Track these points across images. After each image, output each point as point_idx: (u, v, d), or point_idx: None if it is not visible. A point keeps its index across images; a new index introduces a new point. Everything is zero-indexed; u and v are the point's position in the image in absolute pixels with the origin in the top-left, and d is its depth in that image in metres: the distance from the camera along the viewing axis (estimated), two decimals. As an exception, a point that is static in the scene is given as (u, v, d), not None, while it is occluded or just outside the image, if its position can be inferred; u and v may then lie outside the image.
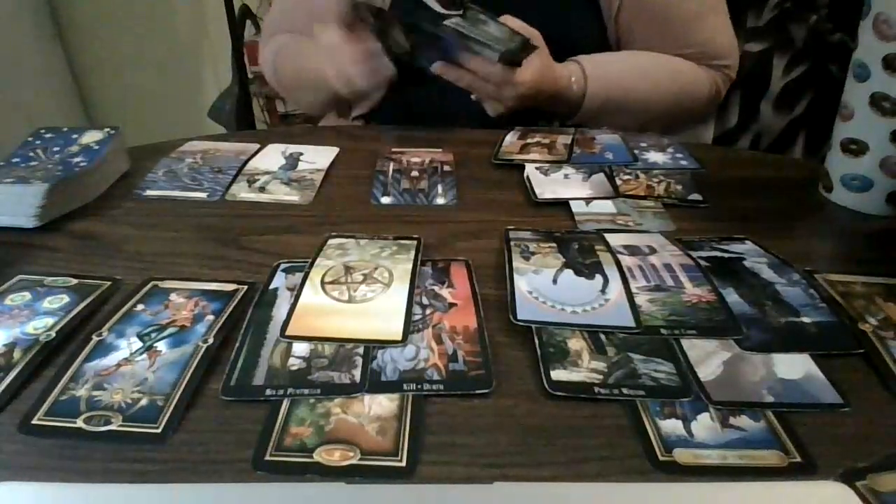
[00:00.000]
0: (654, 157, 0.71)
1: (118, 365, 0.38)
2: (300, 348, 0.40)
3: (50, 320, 0.42)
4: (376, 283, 0.46)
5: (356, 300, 0.45)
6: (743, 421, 0.35)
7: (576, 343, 0.41)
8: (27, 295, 0.45)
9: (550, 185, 0.64)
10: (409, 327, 0.42)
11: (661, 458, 0.33)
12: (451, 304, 0.45)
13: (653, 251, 0.51)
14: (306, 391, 0.37)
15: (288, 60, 0.87)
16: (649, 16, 0.83)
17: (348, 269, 0.48)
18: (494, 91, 0.73)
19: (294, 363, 0.39)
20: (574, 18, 0.84)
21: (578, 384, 0.38)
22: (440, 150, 0.74)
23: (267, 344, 0.41)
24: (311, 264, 0.49)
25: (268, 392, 0.37)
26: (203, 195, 0.62)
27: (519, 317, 0.43)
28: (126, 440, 0.34)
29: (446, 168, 0.69)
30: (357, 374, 0.38)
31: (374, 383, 0.37)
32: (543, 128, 0.79)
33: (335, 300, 0.45)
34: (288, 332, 0.41)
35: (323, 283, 0.46)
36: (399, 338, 0.41)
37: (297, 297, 0.44)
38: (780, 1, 1.15)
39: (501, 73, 0.71)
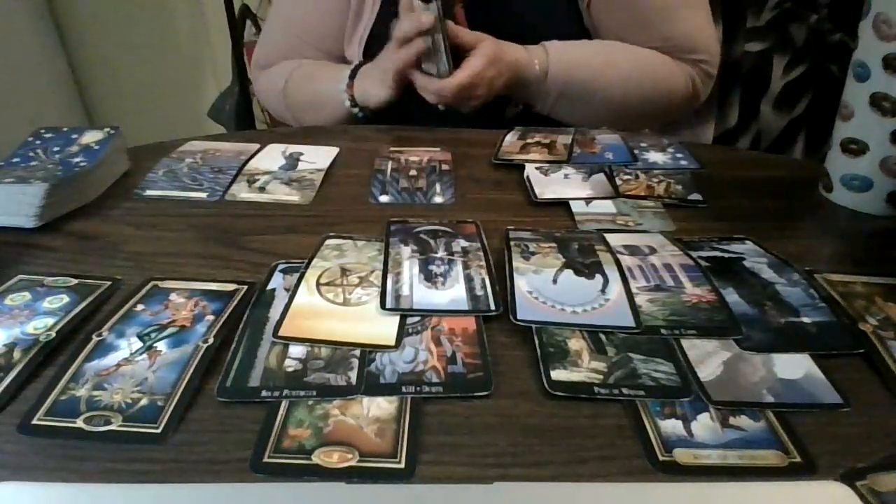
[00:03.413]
0: (654, 157, 0.71)
1: (118, 365, 0.38)
2: (296, 350, 0.40)
3: (50, 320, 0.42)
4: (372, 286, 0.46)
5: (351, 303, 0.45)
6: (743, 421, 0.35)
7: (576, 343, 0.41)
8: (27, 295, 0.45)
9: (550, 185, 0.64)
10: (403, 332, 0.42)
11: (661, 458, 0.33)
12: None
13: (653, 251, 0.51)
14: (302, 393, 0.37)
15: (302, 83, 0.90)
16: (618, 6, 0.83)
17: (344, 271, 0.48)
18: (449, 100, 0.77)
19: (290, 365, 0.39)
20: (549, 6, 0.84)
21: (578, 384, 0.38)
22: (438, 149, 0.74)
23: (263, 345, 0.40)
24: (308, 265, 0.49)
25: (263, 394, 0.37)
26: (203, 195, 0.62)
27: (519, 317, 0.43)
28: (126, 440, 0.34)
29: (444, 167, 0.69)
30: (353, 376, 0.38)
31: (372, 386, 0.37)
32: (543, 128, 0.79)
33: (330, 302, 0.44)
34: (281, 333, 0.41)
35: (318, 284, 0.46)
36: (392, 343, 0.41)
37: (291, 298, 0.44)
38: (780, 1, 1.15)
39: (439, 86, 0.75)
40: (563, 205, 0.61)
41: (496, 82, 0.77)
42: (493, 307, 0.44)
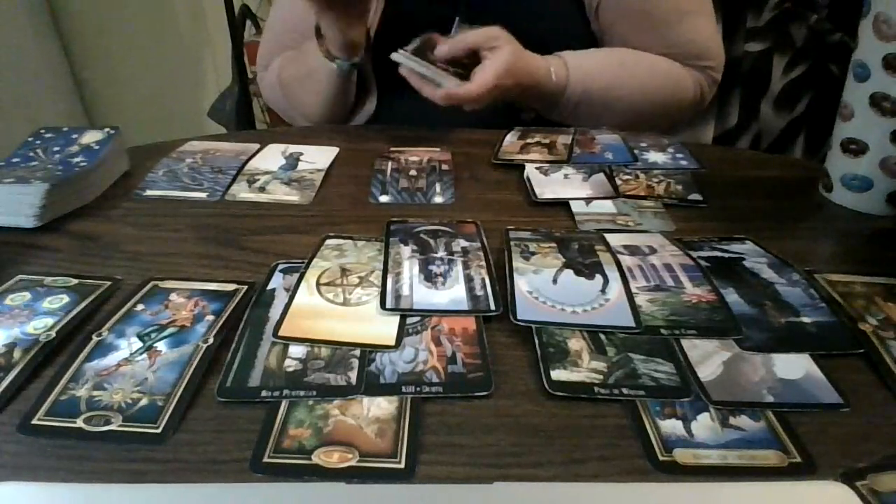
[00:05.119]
0: (654, 157, 0.71)
1: (118, 365, 0.38)
2: (296, 350, 0.40)
3: (50, 320, 0.42)
4: (372, 286, 0.46)
5: (351, 303, 0.45)
6: (743, 421, 0.35)
7: (576, 343, 0.41)
8: (27, 295, 0.45)
9: (550, 185, 0.64)
10: (403, 332, 0.42)
11: (661, 458, 0.33)
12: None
13: (653, 251, 0.51)
14: (302, 393, 0.37)
15: (290, 63, 0.89)
16: (628, 13, 0.82)
17: (344, 271, 0.48)
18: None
19: (290, 365, 0.39)
20: (556, 12, 0.84)
21: (578, 384, 0.38)
22: (438, 149, 0.74)
23: (263, 345, 0.40)
24: (308, 265, 0.49)
25: (263, 394, 0.37)
26: (203, 195, 0.62)
27: (519, 317, 0.43)
28: (126, 440, 0.34)
29: (444, 167, 0.69)
30: (353, 376, 0.38)
31: (372, 386, 0.37)
32: (543, 128, 0.79)
33: (330, 302, 0.44)
34: (281, 333, 0.41)
35: (318, 284, 0.46)
36: (392, 343, 0.41)
37: (291, 298, 0.44)
38: (780, 1, 1.15)
39: (450, 97, 0.72)
40: (563, 205, 0.61)
41: (510, 93, 0.76)
42: (493, 307, 0.44)
